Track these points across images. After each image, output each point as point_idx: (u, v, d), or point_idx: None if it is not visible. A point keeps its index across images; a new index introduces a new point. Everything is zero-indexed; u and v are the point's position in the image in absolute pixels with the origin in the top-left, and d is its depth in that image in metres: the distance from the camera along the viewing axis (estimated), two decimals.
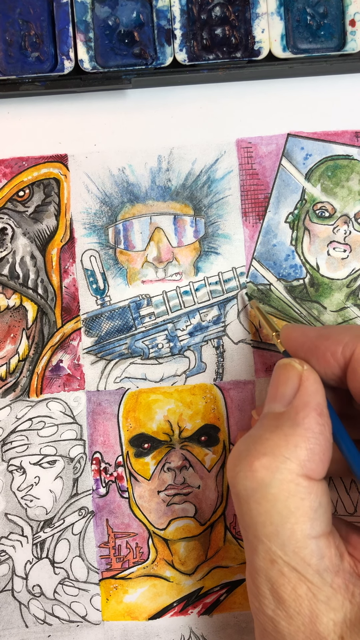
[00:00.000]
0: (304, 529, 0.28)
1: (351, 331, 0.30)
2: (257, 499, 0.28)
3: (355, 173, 0.38)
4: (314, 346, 0.31)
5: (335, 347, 0.30)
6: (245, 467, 0.28)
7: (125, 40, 0.37)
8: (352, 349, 0.29)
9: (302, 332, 0.32)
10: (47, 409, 0.38)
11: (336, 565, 0.28)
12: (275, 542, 0.28)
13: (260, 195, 0.39)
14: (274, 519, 0.28)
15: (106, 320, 0.38)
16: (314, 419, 0.29)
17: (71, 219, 0.38)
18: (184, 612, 0.38)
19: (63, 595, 0.38)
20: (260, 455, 0.28)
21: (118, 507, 0.38)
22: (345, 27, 0.37)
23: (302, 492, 0.28)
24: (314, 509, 0.28)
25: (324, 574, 0.27)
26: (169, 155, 0.38)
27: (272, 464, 0.28)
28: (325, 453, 0.28)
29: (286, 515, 0.28)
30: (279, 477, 0.28)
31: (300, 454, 0.28)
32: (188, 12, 0.36)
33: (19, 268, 0.38)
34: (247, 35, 0.37)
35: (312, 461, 0.28)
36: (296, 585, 0.27)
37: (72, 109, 0.38)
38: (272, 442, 0.28)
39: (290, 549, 0.27)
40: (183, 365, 0.38)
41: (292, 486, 0.28)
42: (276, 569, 0.28)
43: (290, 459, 0.28)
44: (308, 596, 0.27)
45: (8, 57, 0.36)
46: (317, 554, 0.28)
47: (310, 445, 0.28)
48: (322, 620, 0.27)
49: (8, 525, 0.38)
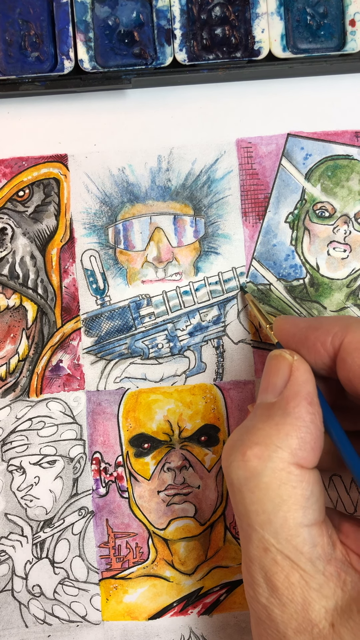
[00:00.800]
0: (296, 517, 0.28)
1: (340, 321, 0.30)
2: (250, 488, 0.28)
3: (355, 173, 0.38)
4: (305, 337, 0.31)
5: (324, 337, 0.30)
6: (238, 456, 0.29)
7: (125, 40, 0.37)
8: (341, 338, 0.30)
9: (293, 323, 0.32)
10: (47, 409, 0.38)
11: (328, 553, 0.28)
12: (268, 530, 0.28)
13: (260, 195, 0.39)
14: (266, 507, 0.28)
15: (106, 320, 0.38)
16: (305, 408, 0.29)
17: (71, 219, 0.38)
18: (184, 612, 0.38)
19: (63, 595, 0.38)
20: (252, 444, 0.29)
21: (118, 507, 0.38)
22: (345, 27, 0.37)
23: (294, 480, 0.28)
24: (306, 497, 0.28)
25: (316, 562, 0.28)
26: (169, 155, 0.38)
27: (264, 452, 0.28)
28: (316, 441, 0.29)
29: (278, 503, 0.28)
30: (270, 466, 0.28)
31: (291, 442, 0.28)
32: (188, 12, 0.36)
33: (19, 268, 0.38)
34: (247, 35, 0.37)
35: (304, 449, 0.28)
36: (289, 573, 0.28)
37: (72, 109, 0.38)
38: (264, 432, 0.29)
39: (283, 537, 0.28)
40: (183, 365, 0.38)
41: (284, 474, 0.28)
42: (269, 557, 0.28)
43: (281, 448, 0.28)
44: (301, 584, 0.28)
45: (8, 57, 0.36)
46: (309, 542, 0.28)
47: (301, 434, 0.28)
48: (314, 607, 0.27)
49: (8, 525, 0.38)
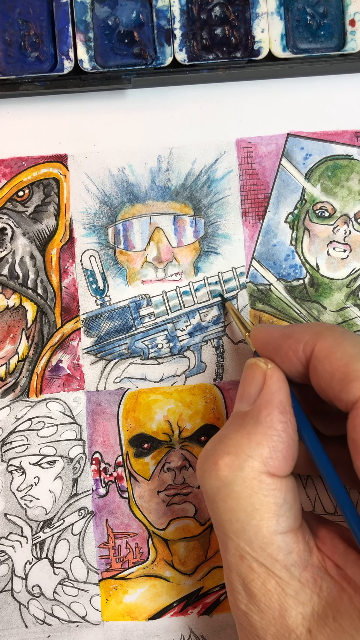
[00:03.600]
0: (269, 525, 0.28)
1: (311, 329, 0.30)
2: (223, 497, 0.29)
3: (355, 173, 0.38)
4: (278, 345, 0.31)
5: (296, 346, 0.30)
6: (211, 466, 0.29)
7: (125, 40, 0.36)
8: (312, 346, 0.30)
9: (268, 332, 0.32)
10: (46, 409, 0.38)
11: (305, 559, 0.28)
12: (243, 539, 0.28)
13: (260, 195, 0.39)
14: (239, 516, 0.28)
15: (106, 320, 0.38)
16: (276, 417, 0.29)
17: (71, 219, 0.38)
18: (183, 612, 0.38)
19: (63, 596, 0.38)
20: (224, 454, 0.29)
21: (118, 508, 0.38)
22: (345, 27, 0.37)
23: (266, 489, 0.28)
24: (278, 505, 0.28)
25: (291, 568, 0.28)
26: (168, 155, 0.38)
27: (235, 462, 0.29)
28: (288, 450, 0.29)
29: (251, 512, 0.28)
30: (241, 475, 0.28)
31: (262, 451, 0.29)
32: (188, 12, 0.36)
33: (19, 268, 0.38)
34: (247, 35, 0.37)
35: (275, 458, 0.29)
36: (265, 580, 0.28)
37: (71, 109, 0.38)
38: (236, 441, 0.29)
39: (257, 545, 0.28)
40: (183, 365, 0.38)
41: (256, 483, 0.28)
42: (245, 564, 0.28)
43: (252, 457, 0.28)
44: (277, 591, 0.28)
45: (8, 57, 0.36)
46: (284, 549, 0.28)
47: (272, 443, 0.29)
48: (290, 614, 0.28)
49: (7, 526, 0.38)
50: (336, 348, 0.29)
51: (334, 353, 0.29)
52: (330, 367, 0.28)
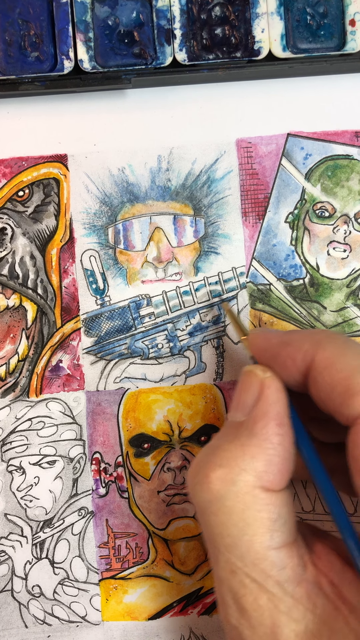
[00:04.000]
0: (262, 540, 0.27)
1: (311, 337, 0.29)
2: (214, 511, 0.28)
3: (355, 173, 0.38)
4: (276, 353, 0.30)
5: (295, 354, 0.29)
6: (202, 478, 0.28)
7: (125, 40, 0.36)
8: (312, 356, 0.28)
9: (266, 338, 0.31)
10: (46, 409, 0.38)
11: (299, 575, 0.27)
12: (234, 554, 0.27)
13: (260, 195, 0.39)
14: (230, 531, 0.27)
15: (106, 320, 0.38)
16: (273, 430, 0.28)
17: (71, 219, 0.38)
18: (183, 612, 0.38)
19: (63, 596, 0.38)
20: (216, 466, 0.28)
21: (118, 507, 0.38)
22: (345, 27, 0.37)
23: (259, 503, 0.27)
24: (272, 521, 0.27)
25: (284, 584, 0.27)
26: (168, 155, 0.38)
27: (228, 475, 0.27)
28: (284, 464, 0.28)
29: (242, 527, 0.27)
30: (234, 490, 0.27)
31: (257, 465, 0.27)
32: (188, 12, 0.36)
33: (19, 268, 0.38)
34: (247, 35, 0.37)
35: (270, 472, 0.27)
36: (257, 596, 0.27)
37: (71, 109, 0.38)
38: (229, 453, 0.28)
39: (250, 560, 0.27)
40: (183, 365, 0.38)
41: (249, 498, 0.27)
42: (237, 579, 0.27)
43: (246, 471, 0.27)
44: (269, 607, 0.27)
45: (8, 57, 0.36)
46: (277, 565, 0.27)
47: (267, 457, 0.28)
48: (283, 631, 0.26)
49: (7, 526, 0.38)
50: (337, 359, 0.28)
51: (334, 364, 0.27)
52: (331, 379, 0.27)
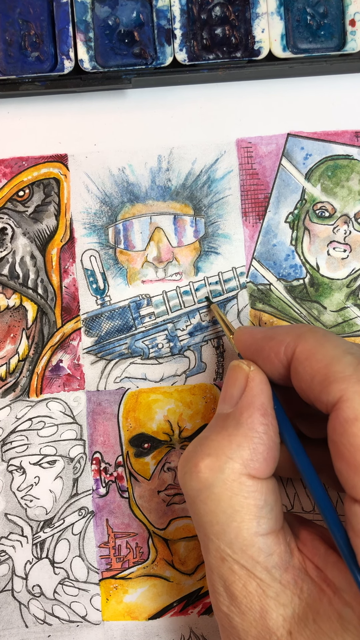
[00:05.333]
0: (250, 527, 0.28)
1: (293, 331, 0.30)
2: (203, 499, 0.29)
3: (355, 173, 0.38)
4: (260, 347, 0.31)
5: (278, 348, 0.30)
6: (191, 468, 0.29)
7: (125, 40, 0.37)
8: (293, 348, 0.29)
9: (251, 334, 0.32)
10: (47, 409, 0.38)
11: (286, 561, 0.28)
12: (223, 541, 0.28)
13: (260, 195, 0.39)
14: (219, 518, 0.28)
15: (106, 320, 0.38)
16: (257, 419, 0.29)
17: (71, 219, 0.38)
18: (184, 612, 0.38)
19: (63, 595, 0.38)
20: (204, 456, 0.29)
21: (118, 507, 0.38)
22: (345, 27, 0.37)
23: (246, 490, 0.28)
24: (259, 507, 0.28)
25: (272, 570, 0.28)
26: (169, 155, 0.38)
27: (215, 464, 0.29)
28: (269, 452, 0.29)
29: (231, 514, 0.28)
30: (222, 477, 0.28)
31: (243, 453, 0.29)
32: (188, 12, 0.36)
33: (19, 268, 0.38)
34: (247, 35, 0.37)
35: (256, 460, 0.29)
36: (246, 582, 0.28)
37: (72, 109, 0.38)
38: (216, 443, 0.29)
39: (238, 547, 0.28)
40: (183, 365, 0.38)
41: (236, 485, 0.28)
42: (226, 566, 0.28)
43: (232, 459, 0.28)
44: (258, 592, 0.28)
45: (8, 57, 0.36)
46: (265, 551, 0.28)
47: (253, 445, 0.29)
48: (271, 615, 0.28)
49: (8, 526, 0.38)
50: (317, 349, 0.29)
51: (314, 355, 0.28)
52: (311, 368, 0.28)
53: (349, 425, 0.26)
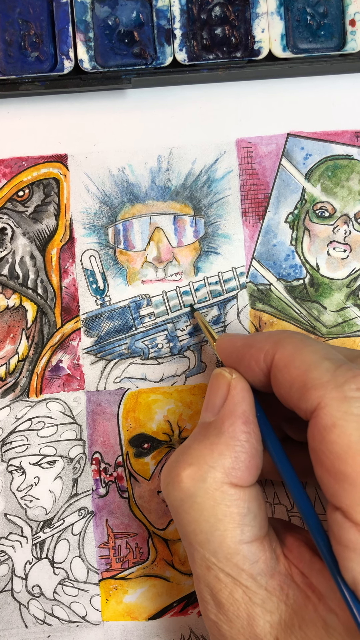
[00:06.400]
0: (233, 535, 0.28)
1: (272, 338, 0.30)
2: (186, 509, 0.29)
3: (355, 173, 0.38)
4: (241, 355, 0.31)
5: (257, 355, 0.30)
6: (174, 477, 0.29)
7: (125, 40, 0.36)
8: (272, 355, 0.29)
9: (231, 342, 0.32)
10: (46, 409, 0.38)
11: (271, 567, 0.28)
12: (208, 549, 0.28)
13: (260, 195, 0.39)
14: (203, 527, 0.28)
15: (106, 320, 0.38)
16: (239, 427, 0.29)
17: (71, 219, 0.38)
18: (184, 612, 0.38)
19: (63, 596, 0.38)
20: (186, 465, 0.29)
21: (118, 508, 0.38)
22: (345, 27, 0.37)
23: (228, 499, 0.28)
24: (242, 515, 0.28)
25: (257, 577, 0.28)
26: (168, 155, 0.38)
27: (197, 473, 0.29)
28: (251, 460, 0.29)
29: (214, 523, 0.28)
30: (203, 487, 0.28)
31: (225, 462, 0.28)
32: (188, 12, 0.36)
33: (19, 268, 0.38)
34: (247, 35, 0.37)
35: (238, 469, 0.29)
36: (232, 589, 0.28)
37: (72, 109, 0.38)
38: (198, 452, 0.29)
39: (222, 555, 0.28)
40: (183, 365, 0.38)
41: (218, 494, 0.28)
42: (212, 574, 0.28)
43: (214, 468, 0.28)
44: (244, 600, 0.28)
45: (8, 57, 0.36)
46: (250, 558, 0.28)
47: (235, 454, 0.29)
48: (258, 622, 0.28)
49: (7, 526, 0.38)
50: (295, 356, 0.28)
51: (293, 361, 0.28)
52: (290, 375, 0.28)
53: (326, 433, 0.26)
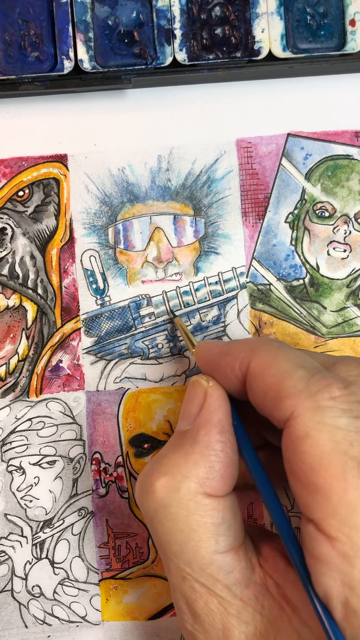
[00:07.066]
0: (208, 545, 0.28)
1: (247, 345, 0.30)
2: (160, 519, 0.28)
3: (355, 173, 0.38)
4: (217, 363, 0.30)
5: (233, 363, 0.29)
6: (148, 487, 0.29)
7: (125, 40, 0.36)
8: (247, 363, 0.29)
9: (208, 350, 0.32)
10: (46, 409, 0.38)
11: (247, 577, 0.28)
12: (182, 560, 0.28)
13: (260, 195, 0.39)
14: (177, 538, 0.28)
15: (106, 320, 0.38)
16: (214, 437, 0.29)
17: (71, 219, 0.38)
18: None
19: (63, 596, 0.38)
20: (160, 475, 0.28)
21: (118, 508, 0.38)
22: (345, 27, 0.37)
23: (202, 509, 0.28)
24: (216, 525, 0.28)
25: (232, 587, 0.28)
26: (168, 155, 0.38)
27: (171, 483, 0.28)
28: (226, 470, 0.28)
29: (188, 533, 0.28)
30: (177, 497, 0.28)
31: (199, 472, 0.28)
32: (188, 12, 0.36)
33: (19, 268, 0.38)
34: (247, 35, 0.37)
35: (212, 479, 0.28)
36: (207, 600, 0.28)
37: (71, 109, 0.38)
38: (173, 462, 0.29)
39: (197, 565, 0.28)
40: (183, 365, 0.38)
41: (192, 504, 0.28)
42: (187, 585, 0.28)
43: (188, 477, 0.28)
44: (219, 610, 0.28)
45: (8, 57, 0.36)
46: (224, 569, 0.28)
47: (209, 463, 0.28)
48: (234, 633, 0.27)
49: (7, 526, 0.38)
50: (270, 364, 0.28)
51: (267, 370, 0.28)
52: (264, 384, 0.28)
53: (299, 443, 0.26)
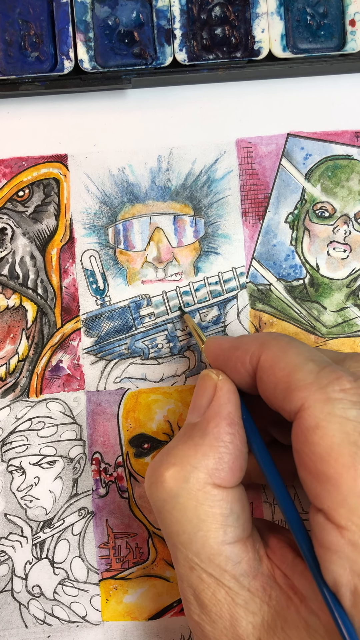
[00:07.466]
0: (216, 536, 0.28)
1: (257, 340, 0.30)
2: (169, 509, 0.29)
3: (355, 173, 0.38)
4: (227, 357, 0.31)
5: (244, 357, 0.30)
6: (157, 478, 0.29)
7: (125, 40, 0.36)
8: (258, 357, 0.29)
9: (218, 344, 0.32)
10: (46, 409, 0.38)
11: (255, 568, 0.28)
12: (191, 550, 0.28)
13: (260, 195, 0.39)
14: (185, 528, 0.28)
15: (106, 320, 0.38)
16: (224, 429, 0.29)
17: (71, 219, 0.38)
18: (183, 612, 0.38)
19: (63, 596, 0.38)
20: (170, 465, 0.29)
21: (118, 508, 0.38)
22: (345, 27, 0.37)
23: (211, 500, 0.28)
24: (225, 516, 0.28)
25: (240, 578, 0.28)
26: (168, 155, 0.38)
27: (180, 473, 0.29)
28: (235, 461, 0.29)
29: (197, 523, 0.28)
30: (186, 487, 0.28)
31: (208, 463, 0.29)
32: (188, 12, 0.36)
33: (19, 268, 0.38)
34: (247, 35, 0.37)
35: (221, 470, 0.29)
36: (215, 590, 0.28)
37: (71, 109, 0.38)
38: (182, 452, 0.29)
39: (205, 556, 0.28)
40: (183, 365, 0.38)
41: (201, 495, 0.28)
42: (195, 575, 0.28)
43: (198, 468, 0.29)
44: (227, 600, 0.28)
45: (8, 57, 0.36)
46: (232, 559, 0.28)
47: (218, 455, 0.29)
48: (241, 623, 0.28)
49: (8, 526, 0.38)
50: (280, 358, 0.29)
51: (277, 363, 0.28)
52: (274, 377, 0.28)
53: (309, 434, 0.26)
